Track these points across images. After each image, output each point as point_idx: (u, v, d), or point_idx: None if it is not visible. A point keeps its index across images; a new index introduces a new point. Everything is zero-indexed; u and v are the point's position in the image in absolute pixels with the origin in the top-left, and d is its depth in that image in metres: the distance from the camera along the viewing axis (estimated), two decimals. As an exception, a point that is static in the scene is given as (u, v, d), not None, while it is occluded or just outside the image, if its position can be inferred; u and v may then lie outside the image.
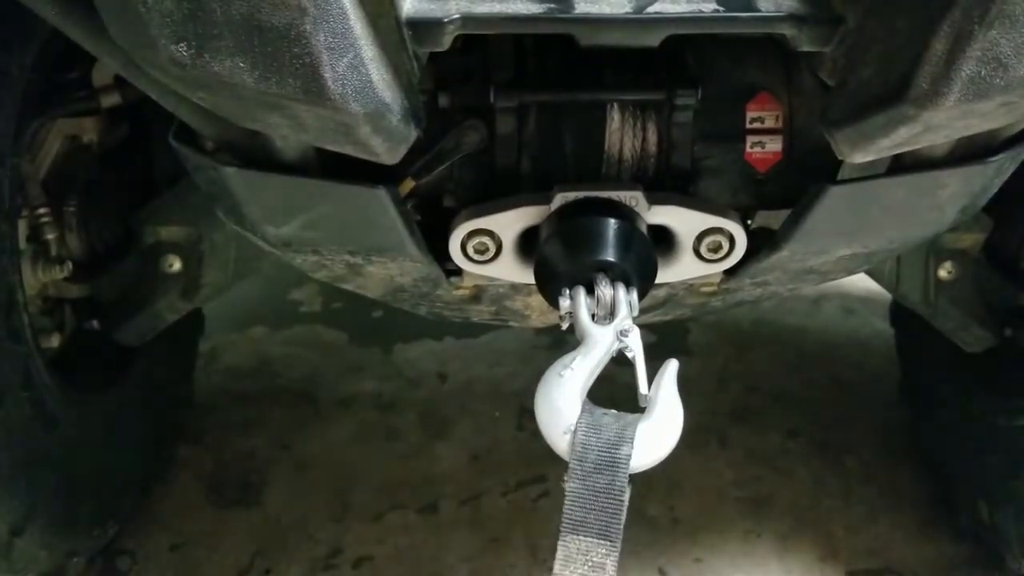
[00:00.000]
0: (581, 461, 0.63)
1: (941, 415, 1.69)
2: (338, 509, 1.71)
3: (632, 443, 0.66)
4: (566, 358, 0.78)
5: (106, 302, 1.49)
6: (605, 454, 0.64)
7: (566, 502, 0.62)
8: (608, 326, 0.81)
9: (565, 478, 0.65)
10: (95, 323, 1.50)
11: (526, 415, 1.94)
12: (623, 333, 0.80)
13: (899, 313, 1.84)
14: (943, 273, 1.46)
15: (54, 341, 1.39)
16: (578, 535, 0.60)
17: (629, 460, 0.65)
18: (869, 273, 1.44)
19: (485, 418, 1.93)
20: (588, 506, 0.61)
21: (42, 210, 1.36)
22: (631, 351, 0.80)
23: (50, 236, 1.36)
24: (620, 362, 0.82)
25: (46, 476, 1.28)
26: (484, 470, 1.79)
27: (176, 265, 1.42)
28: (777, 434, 1.90)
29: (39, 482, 1.27)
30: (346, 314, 2.24)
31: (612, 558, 0.60)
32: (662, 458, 0.68)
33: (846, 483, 1.79)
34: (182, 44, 0.63)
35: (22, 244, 1.32)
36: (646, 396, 0.76)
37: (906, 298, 1.50)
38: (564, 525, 0.61)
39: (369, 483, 1.76)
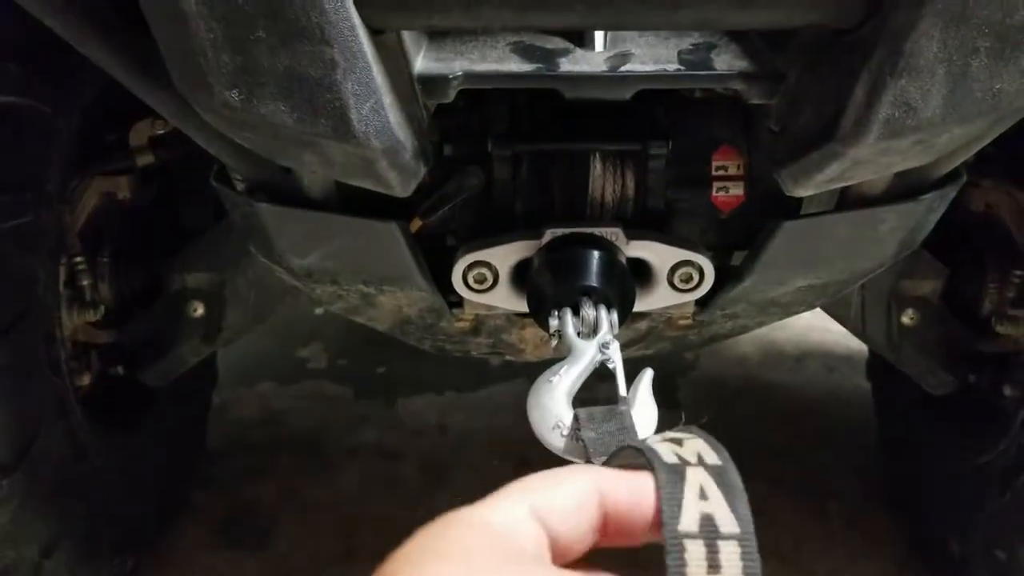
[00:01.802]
0: (591, 419, 0.70)
1: (915, 460, 1.77)
2: (343, 550, 1.78)
3: (627, 407, 0.73)
4: (554, 367, 0.87)
5: (131, 347, 1.59)
6: (608, 412, 0.71)
7: (588, 446, 0.67)
8: (592, 340, 0.92)
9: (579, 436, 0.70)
10: (119, 369, 1.60)
11: (523, 465, 2.02)
12: (604, 346, 0.90)
13: (874, 367, 1.94)
14: (906, 319, 1.53)
15: (84, 380, 1.50)
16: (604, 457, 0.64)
17: (630, 413, 0.72)
18: (836, 317, 1.55)
19: (483, 467, 2.02)
20: (607, 443, 0.67)
21: (78, 259, 1.47)
22: (612, 362, 0.91)
23: (85, 283, 1.47)
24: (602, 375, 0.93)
25: (74, 503, 1.37)
26: (482, 514, 1.86)
27: (200, 310, 1.53)
28: (762, 483, 1.96)
29: (67, 508, 1.35)
30: (351, 370, 2.34)
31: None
32: None
33: (828, 528, 1.86)
34: (234, 90, 0.76)
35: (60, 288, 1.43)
36: (625, 398, 0.86)
37: (872, 342, 1.59)
38: (592, 455, 0.66)
39: (373, 527, 1.83)
